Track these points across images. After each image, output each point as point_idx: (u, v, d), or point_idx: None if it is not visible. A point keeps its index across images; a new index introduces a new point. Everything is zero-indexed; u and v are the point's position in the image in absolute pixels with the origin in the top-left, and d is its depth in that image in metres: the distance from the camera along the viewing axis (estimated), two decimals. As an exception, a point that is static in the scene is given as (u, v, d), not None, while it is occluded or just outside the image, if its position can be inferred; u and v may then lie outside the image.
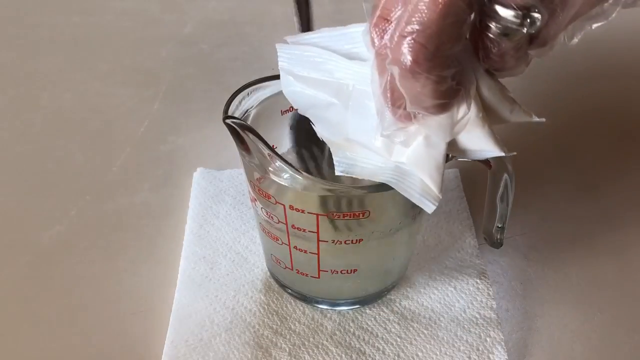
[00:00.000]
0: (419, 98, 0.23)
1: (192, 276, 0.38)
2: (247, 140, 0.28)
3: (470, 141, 0.25)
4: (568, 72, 0.56)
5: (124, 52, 0.58)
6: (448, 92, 0.23)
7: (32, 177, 0.46)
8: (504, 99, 0.25)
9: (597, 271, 0.40)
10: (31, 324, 0.36)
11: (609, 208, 0.44)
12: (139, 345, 0.35)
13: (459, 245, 0.40)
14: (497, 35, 0.21)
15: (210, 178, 0.44)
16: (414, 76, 0.22)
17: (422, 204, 0.25)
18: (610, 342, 0.36)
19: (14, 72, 0.56)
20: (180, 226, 0.41)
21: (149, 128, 0.50)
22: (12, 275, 0.39)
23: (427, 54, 0.21)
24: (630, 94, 0.54)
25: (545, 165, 0.47)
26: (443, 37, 0.21)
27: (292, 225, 0.31)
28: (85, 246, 0.41)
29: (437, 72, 0.22)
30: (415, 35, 0.21)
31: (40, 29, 0.62)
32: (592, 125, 0.51)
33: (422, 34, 0.21)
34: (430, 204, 0.25)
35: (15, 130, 0.50)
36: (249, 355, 0.34)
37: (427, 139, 0.25)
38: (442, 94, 0.22)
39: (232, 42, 0.59)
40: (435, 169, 0.25)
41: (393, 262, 0.35)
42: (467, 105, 0.24)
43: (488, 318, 0.36)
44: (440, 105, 0.23)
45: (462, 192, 0.43)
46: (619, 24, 0.63)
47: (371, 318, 0.36)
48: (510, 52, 0.22)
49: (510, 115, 0.26)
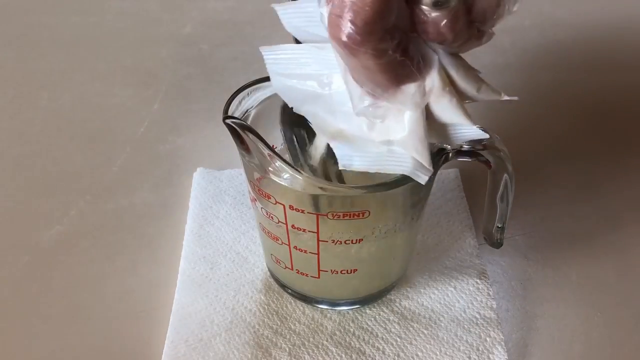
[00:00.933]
0: (364, 73, 0.23)
1: (192, 276, 0.38)
2: (247, 140, 0.28)
3: (442, 113, 0.26)
4: (568, 72, 0.56)
5: (124, 52, 0.58)
6: (392, 64, 0.23)
7: (32, 177, 0.46)
8: (470, 76, 0.26)
9: (597, 271, 0.40)
10: (31, 324, 0.36)
11: (609, 208, 0.43)
12: (139, 345, 0.35)
13: (459, 245, 0.40)
14: (428, 5, 0.22)
15: (210, 178, 0.44)
16: (352, 52, 0.22)
17: (417, 177, 0.27)
18: (610, 342, 0.36)
19: (14, 72, 0.56)
20: (180, 226, 0.41)
21: (149, 128, 0.50)
22: (12, 275, 0.39)
23: (357, 29, 0.22)
24: (631, 94, 0.54)
25: (545, 165, 0.47)
26: (370, 12, 0.21)
27: (292, 225, 0.31)
28: (85, 246, 0.41)
29: (373, 45, 0.22)
30: (344, 12, 0.22)
31: (40, 29, 0.61)
32: (593, 125, 0.51)
33: (349, 10, 0.21)
34: (423, 176, 0.27)
35: (15, 130, 0.50)
36: (249, 355, 0.34)
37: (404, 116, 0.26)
38: (385, 66, 0.23)
39: (232, 42, 0.59)
40: (419, 142, 0.26)
41: (393, 262, 0.35)
42: (430, 77, 0.24)
43: (488, 318, 0.36)
44: (388, 77, 0.24)
45: (462, 192, 0.43)
46: (620, 24, 0.63)
47: (371, 318, 0.36)
48: (447, 23, 0.22)
49: (478, 93, 0.26)
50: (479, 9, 0.23)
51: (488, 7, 0.23)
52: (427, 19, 0.22)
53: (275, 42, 0.28)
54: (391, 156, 0.27)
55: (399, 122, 0.26)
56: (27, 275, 0.39)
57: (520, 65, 0.54)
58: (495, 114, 0.50)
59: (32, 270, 0.39)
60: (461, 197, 0.43)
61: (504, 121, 0.49)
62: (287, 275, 0.36)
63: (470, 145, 0.29)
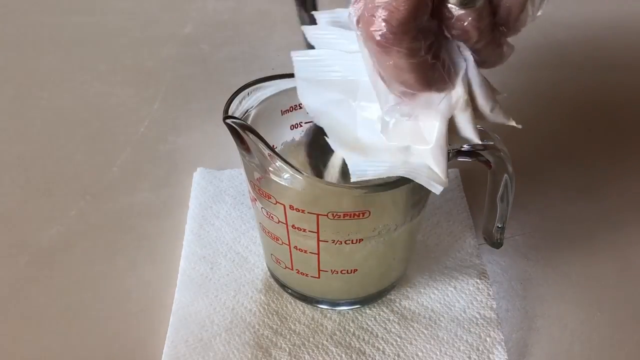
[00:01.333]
0: (395, 72, 0.24)
1: (192, 276, 0.38)
2: (247, 140, 0.28)
3: (460, 126, 0.26)
4: (568, 72, 0.56)
5: (124, 52, 0.58)
6: (423, 65, 0.23)
7: (32, 177, 0.46)
8: (488, 94, 0.26)
9: (597, 271, 0.40)
10: (31, 324, 0.36)
11: (609, 208, 0.43)
12: (139, 345, 0.35)
13: (459, 245, 0.40)
14: (455, 4, 0.22)
15: (210, 178, 0.44)
16: (385, 51, 0.23)
17: (431, 187, 0.27)
18: (610, 342, 0.36)
19: (14, 72, 0.56)
20: (180, 226, 0.41)
21: (149, 128, 0.50)
22: (12, 275, 0.39)
23: (392, 27, 0.22)
24: (631, 94, 0.54)
25: (545, 165, 0.47)
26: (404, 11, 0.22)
27: (292, 225, 0.31)
28: (85, 246, 0.41)
29: (407, 45, 0.22)
30: (378, 11, 0.22)
31: (40, 29, 0.61)
32: (593, 125, 0.51)
33: (384, 9, 0.22)
34: (439, 186, 0.27)
35: (15, 130, 0.50)
36: (249, 355, 0.34)
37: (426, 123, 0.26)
38: (416, 66, 0.23)
39: (232, 42, 0.59)
40: (441, 154, 0.26)
41: (393, 262, 0.35)
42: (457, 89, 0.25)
43: (488, 318, 0.36)
44: (418, 78, 0.24)
45: (462, 192, 0.43)
46: (620, 24, 0.63)
47: (371, 318, 0.36)
48: (472, 21, 0.23)
49: (490, 113, 0.26)
50: (504, 12, 0.23)
51: (513, 9, 0.23)
52: (453, 16, 0.23)
53: (275, 42, 0.28)
54: (406, 166, 0.27)
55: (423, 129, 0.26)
56: (27, 275, 0.39)
57: (520, 65, 0.54)
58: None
59: (32, 270, 0.39)
60: (461, 197, 0.43)
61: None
62: (287, 275, 0.36)
63: (470, 145, 0.29)
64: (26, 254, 0.40)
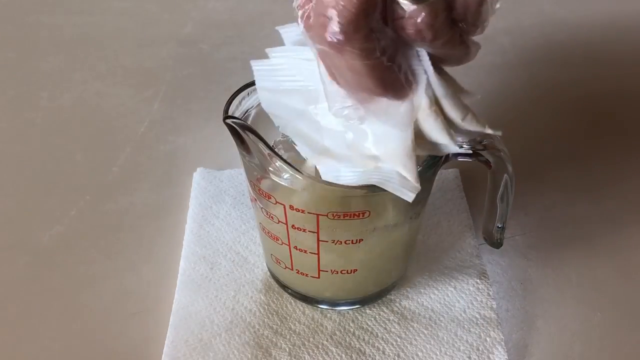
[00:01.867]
0: (351, 76, 0.23)
1: (192, 276, 0.38)
2: (247, 140, 0.28)
3: (428, 133, 0.26)
4: (568, 72, 0.56)
5: (124, 52, 0.58)
6: (379, 67, 0.23)
7: (32, 177, 0.46)
8: (457, 104, 0.25)
9: (597, 271, 0.40)
10: (31, 324, 0.36)
11: (609, 208, 0.43)
12: (139, 345, 0.35)
13: (459, 245, 0.40)
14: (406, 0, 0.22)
15: (210, 178, 0.44)
16: (338, 51, 0.22)
17: (403, 195, 0.26)
18: (610, 342, 0.36)
19: (14, 72, 0.56)
20: (180, 226, 0.41)
21: (149, 128, 0.50)
22: (12, 275, 0.39)
23: (341, 26, 0.21)
24: (631, 94, 0.54)
25: (545, 165, 0.47)
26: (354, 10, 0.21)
27: (292, 225, 0.31)
28: (85, 246, 0.41)
29: (359, 45, 0.22)
30: (328, 10, 0.21)
31: (40, 29, 0.62)
32: (593, 125, 0.51)
33: (334, 9, 0.21)
34: (409, 193, 0.26)
35: (15, 130, 0.50)
36: (249, 355, 0.34)
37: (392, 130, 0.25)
38: (371, 68, 0.23)
39: (232, 42, 0.59)
40: (407, 157, 0.25)
41: (393, 262, 0.35)
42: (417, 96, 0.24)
43: (488, 318, 0.36)
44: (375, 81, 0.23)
45: (462, 192, 0.43)
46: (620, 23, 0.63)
47: (371, 318, 0.36)
48: (425, 20, 0.22)
49: (462, 122, 0.26)
50: (460, 7, 0.22)
51: (470, 3, 0.22)
52: (405, 14, 0.22)
53: (275, 42, 0.28)
54: (378, 173, 0.26)
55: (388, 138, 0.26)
56: (27, 275, 0.39)
57: (520, 65, 0.54)
58: (495, 114, 0.50)
59: (32, 270, 0.39)
60: (461, 197, 0.43)
61: (504, 121, 0.49)
62: (287, 275, 0.36)
63: (471, 145, 0.29)
64: (26, 254, 0.40)
